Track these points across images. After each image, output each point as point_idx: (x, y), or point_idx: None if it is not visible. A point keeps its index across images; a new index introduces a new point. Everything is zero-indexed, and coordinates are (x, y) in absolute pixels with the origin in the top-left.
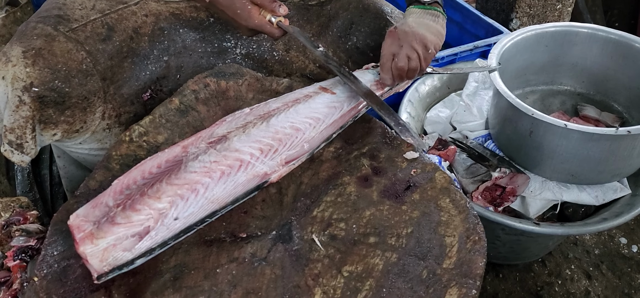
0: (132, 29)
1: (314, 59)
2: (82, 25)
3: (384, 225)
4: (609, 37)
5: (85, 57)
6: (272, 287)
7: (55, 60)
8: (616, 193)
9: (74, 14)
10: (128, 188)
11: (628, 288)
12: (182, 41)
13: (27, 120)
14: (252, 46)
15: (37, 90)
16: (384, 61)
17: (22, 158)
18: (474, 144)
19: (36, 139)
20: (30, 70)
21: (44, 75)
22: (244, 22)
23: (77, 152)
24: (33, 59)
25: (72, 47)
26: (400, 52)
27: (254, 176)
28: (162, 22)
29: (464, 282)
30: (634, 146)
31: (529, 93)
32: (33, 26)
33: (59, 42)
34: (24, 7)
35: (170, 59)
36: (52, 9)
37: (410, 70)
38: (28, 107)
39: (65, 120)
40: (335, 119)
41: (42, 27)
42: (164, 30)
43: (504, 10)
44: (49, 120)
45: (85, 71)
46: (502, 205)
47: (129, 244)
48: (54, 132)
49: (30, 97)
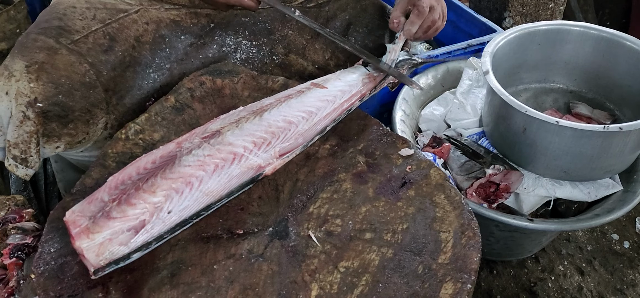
0: (134, 37)
1: (312, 61)
2: (83, 36)
3: (380, 221)
4: (601, 35)
5: (88, 69)
6: (269, 283)
7: (58, 74)
8: (608, 190)
9: (74, 25)
10: (123, 184)
11: (620, 283)
12: (183, 48)
13: (31, 135)
14: (252, 51)
15: (41, 105)
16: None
17: (26, 172)
18: (468, 142)
19: (40, 152)
20: (34, 85)
21: (48, 90)
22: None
23: (76, 158)
24: (36, 74)
25: (74, 59)
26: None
27: (248, 168)
28: (162, 29)
29: (459, 277)
30: (625, 143)
31: (522, 91)
32: (34, 38)
33: (61, 55)
34: (18, 5)
35: (173, 66)
36: (52, 20)
37: (435, 20)
38: (32, 122)
39: (68, 133)
40: (328, 111)
41: (43, 39)
42: (165, 37)
43: (497, 9)
44: (52, 134)
45: (89, 84)
46: (496, 202)
47: (125, 238)
48: (57, 145)
49: (34, 113)
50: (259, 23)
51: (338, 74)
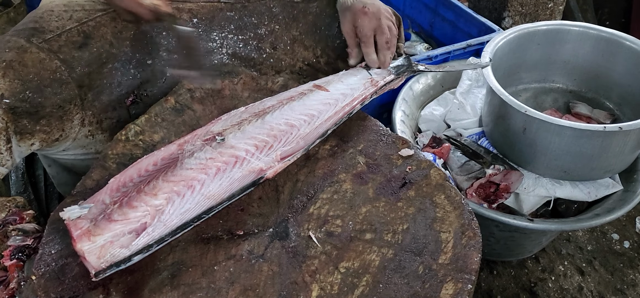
0: (112, 34)
1: (302, 58)
2: (56, 35)
3: (380, 221)
4: (600, 35)
5: (60, 65)
6: (270, 284)
7: (26, 70)
8: (608, 190)
9: (49, 26)
10: (124, 186)
11: (620, 283)
12: (166, 44)
13: (0, 132)
14: (239, 45)
15: (8, 101)
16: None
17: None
18: (468, 142)
19: (13, 150)
20: (1, 83)
21: (15, 86)
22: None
23: (63, 158)
24: (3, 71)
25: (44, 56)
26: (381, 25)
27: (249, 172)
28: (144, 24)
29: (459, 277)
30: (625, 142)
31: (521, 91)
32: (7, 40)
33: (30, 53)
34: (18, 7)
35: (155, 62)
36: (29, 23)
37: (392, 37)
38: (0, 119)
39: (41, 130)
40: (329, 114)
41: (15, 40)
42: (146, 33)
43: (496, 9)
44: (25, 131)
45: (60, 80)
46: (496, 202)
47: (126, 241)
48: (32, 142)
49: (1, 109)
50: (245, 17)
51: (340, 76)
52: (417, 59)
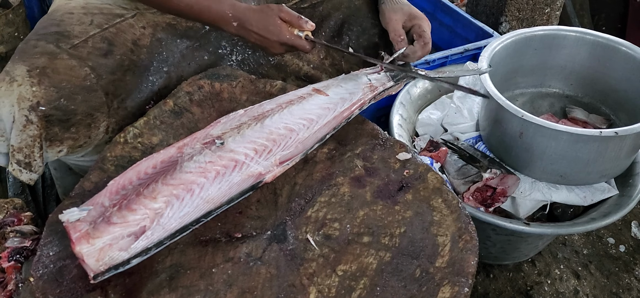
0: (131, 41)
1: (307, 61)
2: (82, 41)
3: (378, 224)
4: (597, 40)
5: (89, 73)
6: (268, 286)
7: (60, 78)
8: (604, 194)
9: (73, 30)
10: (124, 189)
11: (616, 287)
12: (180, 51)
13: (34, 139)
14: (247, 52)
15: (43, 109)
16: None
17: (30, 176)
18: (465, 146)
19: (43, 156)
20: (36, 89)
21: (50, 94)
22: (276, 38)
23: (76, 162)
24: (38, 78)
25: (75, 63)
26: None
27: (248, 176)
28: (159, 32)
29: (456, 280)
30: (621, 147)
31: (518, 95)
32: (34, 44)
33: (61, 59)
34: (16, 9)
35: (170, 69)
36: (50, 26)
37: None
38: (35, 126)
39: (70, 137)
40: (328, 119)
41: (43, 45)
42: (162, 40)
43: (493, 14)
44: (55, 138)
45: (89, 87)
46: (493, 206)
47: (125, 244)
48: (60, 149)
49: (37, 116)
50: None
51: (340, 80)
52: (415, 63)
